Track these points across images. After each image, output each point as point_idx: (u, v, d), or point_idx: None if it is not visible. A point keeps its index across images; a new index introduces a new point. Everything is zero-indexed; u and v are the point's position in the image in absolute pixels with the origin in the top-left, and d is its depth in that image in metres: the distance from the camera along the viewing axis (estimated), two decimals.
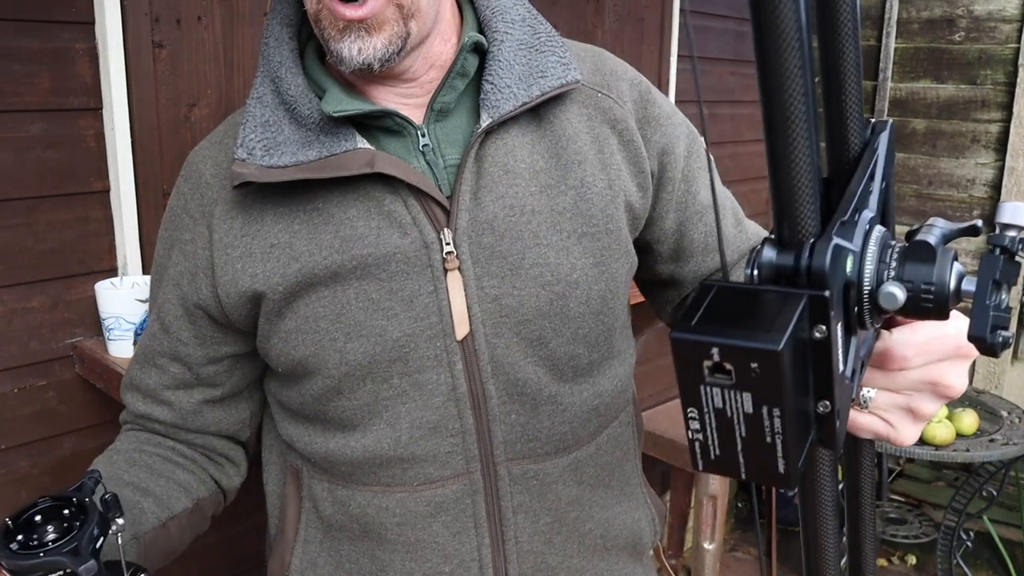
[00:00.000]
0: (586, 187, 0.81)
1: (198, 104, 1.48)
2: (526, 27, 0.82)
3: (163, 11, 1.40)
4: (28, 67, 1.29)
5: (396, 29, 0.73)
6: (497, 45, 0.80)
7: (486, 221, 0.78)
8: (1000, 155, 3.09)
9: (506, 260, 0.79)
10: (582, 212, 0.81)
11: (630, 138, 0.84)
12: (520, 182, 0.79)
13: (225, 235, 0.80)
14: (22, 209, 1.32)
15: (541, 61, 0.80)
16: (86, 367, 1.39)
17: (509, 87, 0.78)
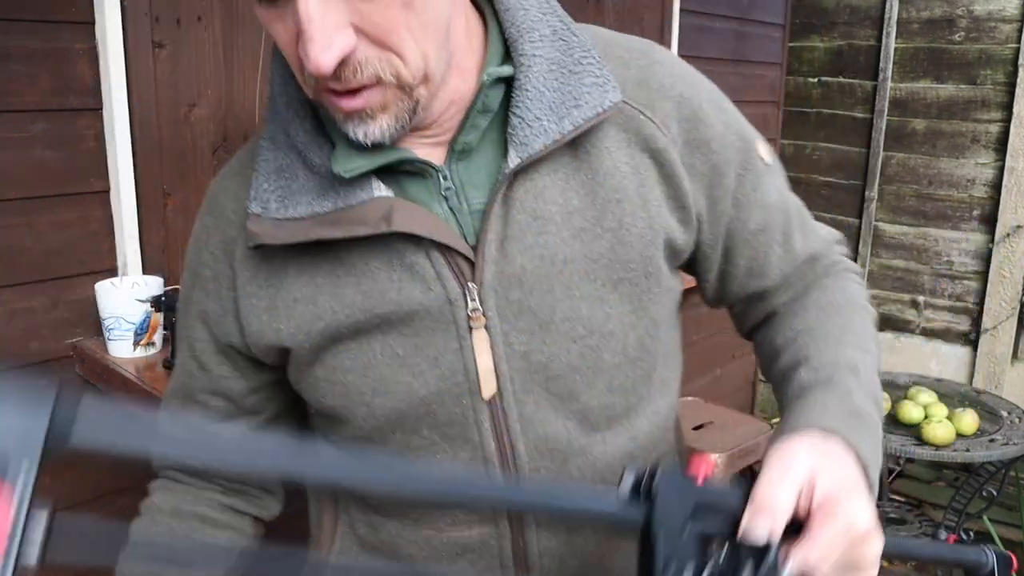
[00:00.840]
0: (624, 228, 0.75)
1: (198, 104, 1.48)
2: (557, 42, 0.74)
3: (163, 11, 1.40)
4: (28, 67, 1.29)
5: (401, 105, 0.68)
6: (524, 71, 0.72)
7: (514, 274, 0.73)
8: (1000, 155, 3.09)
9: (535, 315, 0.74)
10: (619, 257, 0.75)
11: (671, 172, 0.76)
12: (551, 228, 0.73)
13: (248, 283, 0.78)
14: (22, 209, 1.32)
15: (575, 85, 0.72)
16: (86, 367, 1.39)
17: (539, 120, 0.71)
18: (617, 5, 2.27)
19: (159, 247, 1.47)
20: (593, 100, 0.72)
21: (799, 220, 0.88)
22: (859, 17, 3.33)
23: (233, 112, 1.54)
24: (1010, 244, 3.09)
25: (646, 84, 0.76)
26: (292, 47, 0.66)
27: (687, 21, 2.53)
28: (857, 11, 3.33)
